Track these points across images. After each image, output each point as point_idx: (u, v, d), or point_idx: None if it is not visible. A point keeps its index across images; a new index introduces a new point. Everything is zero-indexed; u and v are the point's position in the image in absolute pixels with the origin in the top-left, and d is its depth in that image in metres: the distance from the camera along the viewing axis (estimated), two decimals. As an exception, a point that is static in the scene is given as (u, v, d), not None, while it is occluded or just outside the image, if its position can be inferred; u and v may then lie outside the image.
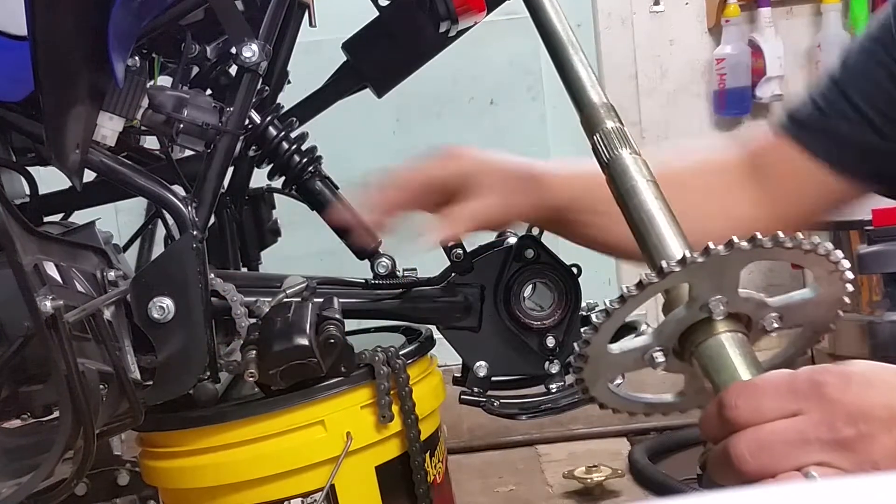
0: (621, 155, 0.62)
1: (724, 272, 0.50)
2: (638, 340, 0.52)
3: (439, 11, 1.10)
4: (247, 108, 0.93)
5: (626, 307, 0.51)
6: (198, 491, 0.94)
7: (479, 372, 1.03)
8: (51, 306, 0.71)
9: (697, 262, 0.48)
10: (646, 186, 0.58)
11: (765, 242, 0.48)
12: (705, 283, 0.50)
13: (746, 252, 0.49)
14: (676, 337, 0.52)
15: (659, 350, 0.52)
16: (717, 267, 0.49)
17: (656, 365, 0.52)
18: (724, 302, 0.50)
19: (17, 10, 0.74)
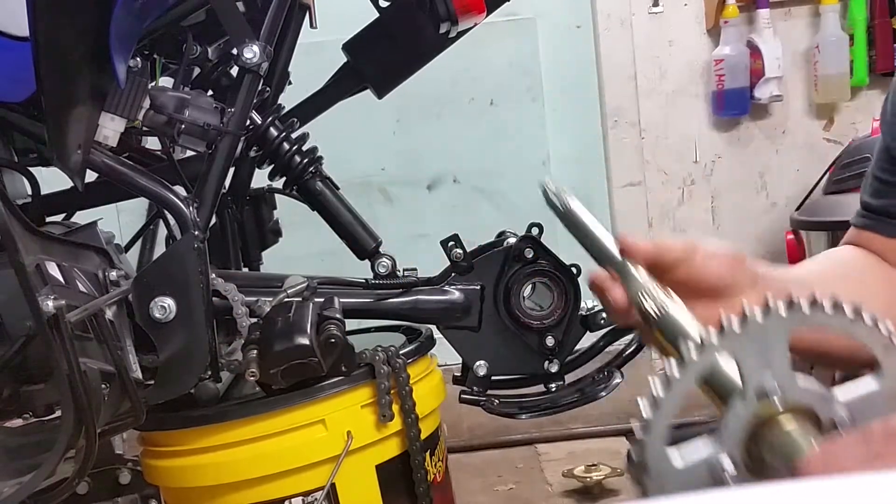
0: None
1: (769, 345, 0.45)
2: (701, 447, 0.46)
3: (439, 13, 1.10)
4: (248, 108, 0.93)
5: (672, 392, 0.45)
6: (199, 490, 0.95)
7: (479, 371, 1.03)
8: (53, 306, 0.72)
9: (735, 331, 0.45)
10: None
11: (803, 306, 0.45)
12: (752, 360, 0.45)
13: (785, 319, 0.45)
14: (742, 441, 0.46)
15: (727, 460, 0.46)
16: (759, 337, 0.45)
17: (727, 480, 0.45)
18: (781, 386, 0.45)
19: (18, 12, 0.75)
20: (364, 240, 1.08)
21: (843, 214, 1.83)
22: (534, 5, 2.24)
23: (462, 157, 2.29)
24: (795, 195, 2.17)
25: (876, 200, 0.79)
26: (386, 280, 1.04)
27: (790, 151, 2.24)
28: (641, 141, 2.24)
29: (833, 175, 1.91)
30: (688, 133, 2.24)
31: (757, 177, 2.26)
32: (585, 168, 2.32)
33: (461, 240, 1.03)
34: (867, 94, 2.16)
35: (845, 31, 2.10)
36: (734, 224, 2.27)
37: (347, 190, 1.14)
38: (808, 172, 2.16)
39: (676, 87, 2.22)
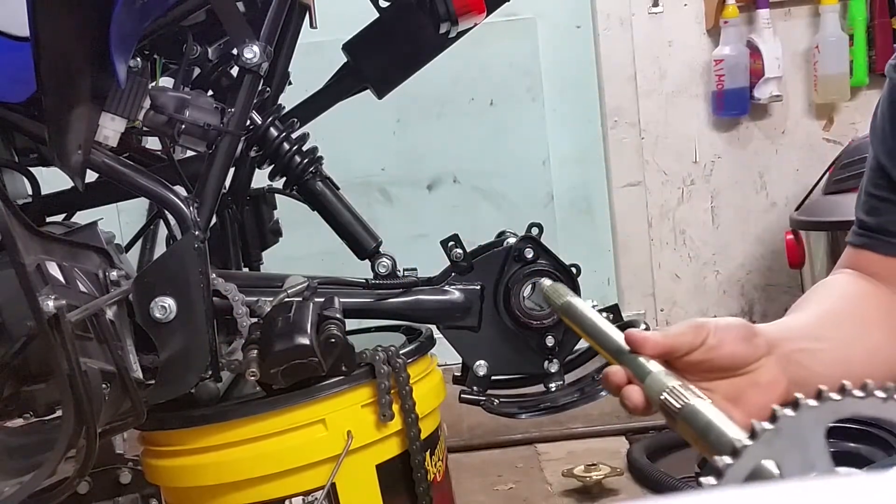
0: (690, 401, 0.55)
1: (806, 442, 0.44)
2: None
3: (439, 13, 1.10)
4: (248, 109, 0.93)
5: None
6: (199, 489, 0.95)
7: (479, 371, 1.03)
8: (53, 306, 0.72)
9: (768, 430, 0.43)
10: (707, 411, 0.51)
11: (832, 395, 0.44)
12: (792, 461, 0.43)
13: (816, 410, 0.44)
14: None
15: None
16: (795, 435, 0.44)
17: None
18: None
19: (19, 12, 0.75)
20: (364, 240, 1.08)
21: (843, 214, 1.84)
22: (534, 5, 2.24)
23: (462, 157, 2.29)
24: (795, 195, 2.17)
25: (871, 218, 0.79)
26: (386, 280, 1.04)
27: (790, 151, 2.24)
28: (641, 141, 2.24)
29: (833, 175, 1.91)
30: (687, 133, 2.24)
31: (756, 177, 2.26)
32: (585, 168, 2.32)
33: (461, 240, 1.03)
34: (867, 94, 2.16)
35: (845, 31, 2.11)
36: (734, 224, 2.27)
37: (347, 190, 1.14)
38: (808, 172, 2.17)
39: (676, 87, 2.23)
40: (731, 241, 2.28)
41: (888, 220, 0.77)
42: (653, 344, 0.62)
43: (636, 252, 2.28)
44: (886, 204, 0.78)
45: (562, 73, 2.30)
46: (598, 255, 2.29)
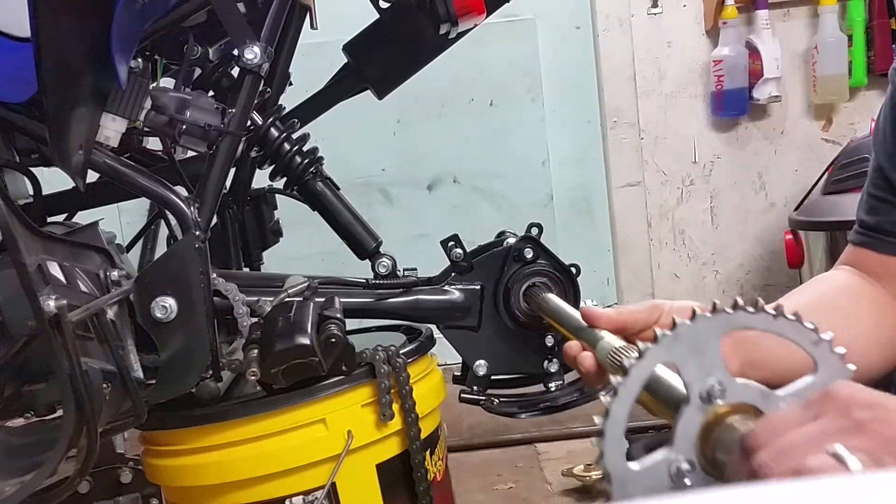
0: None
1: (704, 351, 0.48)
2: (658, 454, 0.49)
3: (439, 14, 1.11)
4: (249, 109, 0.93)
5: (620, 400, 0.48)
6: (200, 489, 0.95)
7: (479, 371, 1.03)
8: (54, 306, 0.72)
9: (669, 334, 0.48)
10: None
11: (725, 308, 0.48)
12: (691, 367, 0.48)
13: (713, 322, 0.48)
14: (696, 444, 0.48)
15: (684, 460, 0.48)
16: (693, 344, 0.48)
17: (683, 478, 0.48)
18: (720, 385, 0.48)
19: (20, 12, 0.75)
20: (364, 240, 1.09)
21: (842, 214, 1.85)
22: (534, 6, 2.24)
23: (462, 157, 2.29)
24: (794, 195, 2.17)
25: (870, 217, 0.81)
26: (386, 280, 1.04)
27: (789, 152, 2.24)
28: (640, 141, 2.25)
29: (831, 175, 1.92)
30: (687, 133, 2.24)
31: (755, 177, 2.26)
32: (585, 168, 2.33)
33: (461, 240, 1.04)
34: (866, 95, 2.17)
35: (844, 31, 2.11)
36: (733, 224, 2.27)
37: (348, 190, 1.15)
38: (807, 173, 2.17)
39: (675, 87, 2.23)
40: (731, 241, 2.28)
41: (885, 220, 0.79)
42: (606, 318, 0.68)
43: (635, 252, 2.28)
44: (885, 204, 0.80)
45: (561, 73, 2.30)
46: (597, 255, 2.29)
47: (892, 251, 0.79)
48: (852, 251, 0.82)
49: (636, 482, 0.48)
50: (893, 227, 0.79)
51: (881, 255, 0.79)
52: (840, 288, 0.80)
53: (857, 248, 0.82)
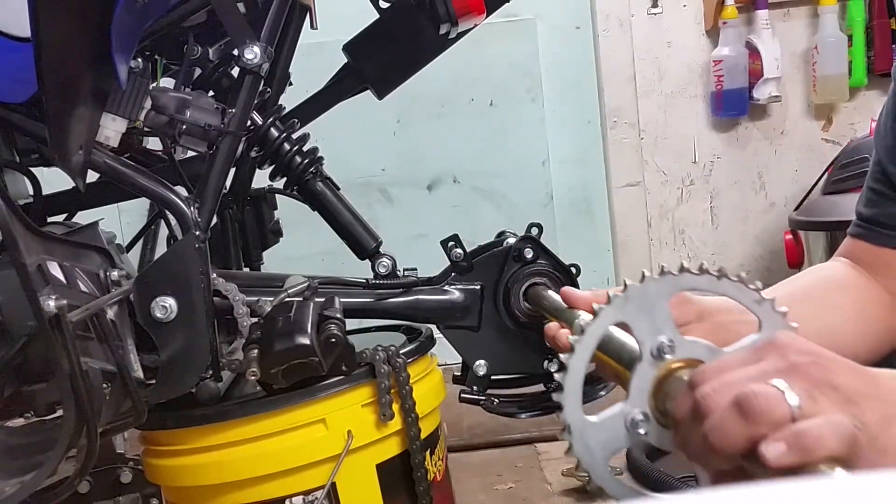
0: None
1: (654, 310, 0.52)
2: (615, 407, 0.52)
3: (439, 14, 1.11)
4: (249, 109, 0.93)
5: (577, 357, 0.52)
6: (200, 489, 0.95)
7: (479, 371, 1.03)
8: (54, 306, 0.72)
9: (620, 295, 0.51)
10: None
11: (672, 270, 0.52)
12: (643, 325, 0.51)
13: (659, 282, 0.52)
14: (649, 398, 0.51)
15: (638, 412, 0.52)
16: (643, 304, 0.51)
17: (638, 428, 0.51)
18: (670, 342, 0.51)
19: (20, 12, 0.75)
20: (364, 240, 1.09)
21: (842, 214, 1.84)
22: (534, 6, 2.24)
23: (462, 157, 2.29)
24: (794, 195, 2.17)
25: (867, 210, 0.82)
26: (386, 280, 1.04)
27: (789, 152, 2.24)
28: (640, 141, 2.25)
29: (831, 175, 1.92)
30: (687, 133, 2.24)
31: (756, 177, 2.26)
32: (585, 168, 2.33)
33: (461, 240, 1.04)
34: (866, 95, 2.17)
35: (844, 31, 2.11)
36: (733, 224, 2.27)
37: (348, 190, 1.15)
38: (807, 173, 2.17)
39: (675, 87, 2.23)
40: (730, 242, 2.28)
41: (882, 213, 0.81)
42: (584, 299, 0.73)
43: (635, 252, 2.28)
44: (882, 198, 0.81)
45: (561, 73, 2.30)
46: (597, 255, 2.29)
47: (886, 243, 0.80)
48: (849, 243, 0.84)
49: (594, 433, 0.52)
50: (889, 220, 0.80)
51: (875, 246, 0.81)
52: (829, 278, 0.82)
53: (854, 239, 0.83)
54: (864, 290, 0.79)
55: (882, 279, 0.80)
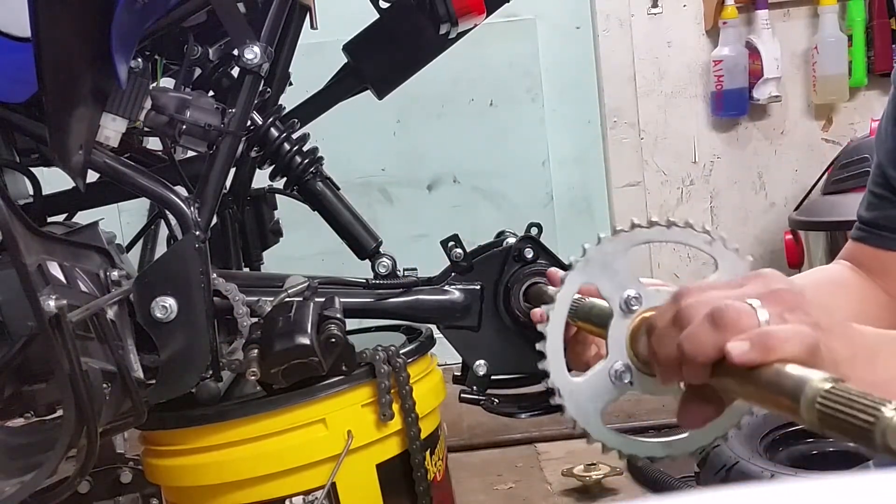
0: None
1: (615, 268, 0.55)
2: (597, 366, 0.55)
3: (439, 13, 1.11)
4: (249, 109, 0.93)
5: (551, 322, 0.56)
6: (200, 489, 0.95)
7: (479, 370, 1.03)
8: (54, 306, 0.72)
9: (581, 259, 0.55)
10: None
11: (624, 228, 0.55)
12: (608, 284, 0.55)
13: (614, 240, 0.55)
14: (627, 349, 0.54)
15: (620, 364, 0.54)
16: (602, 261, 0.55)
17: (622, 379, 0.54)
18: (637, 294, 0.55)
19: (20, 12, 0.75)
20: (364, 240, 1.09)
21: (842, 214, 1.85)
22: (534, 6, 2.24)
23: (462, 157, 2.29)
24: (794, 195, 2.17)
25: (868, 213, 0.83)
26: (386, 280, 1.04)
27: (789, 152, 2.24)
28: (641, 141, 2.25)
29: (831, 175, 1.92)
30: (687, 133, 2.24)
31: (756, 177, 2.26)
32: (585, 168, 2.33)
33: (461, 240, 1.04)
34: (866, 95, 2.17)
35: (844, 31, 2.11)
36: (733, 224, 2.27)
37: (348, 190, 1.15)
38: (807, 173, 2.17)
39: (675, 87, 2.23)
40: (731, 242, 2.28)
41: (882, 216, 0.82)
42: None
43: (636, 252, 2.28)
44: (882, 201, 0.82)
45: (561, 73, 2.30)
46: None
47: (885, 245, 0.81)
48: (850, 246, 0.85)
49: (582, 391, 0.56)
50: (889, 223, 0.81)
51: (875, 249, 0.81)
52: (829, 279, 0.83)
53: (855, 242, 0.84)
54: (863, 292, 0.80)
55: (882, 281, 0.81)
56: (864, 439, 0.37)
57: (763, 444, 1.45)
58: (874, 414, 0.36)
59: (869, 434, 0.36)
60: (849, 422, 0.37)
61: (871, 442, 0.37)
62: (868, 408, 0.37)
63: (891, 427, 0.36)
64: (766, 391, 0.42)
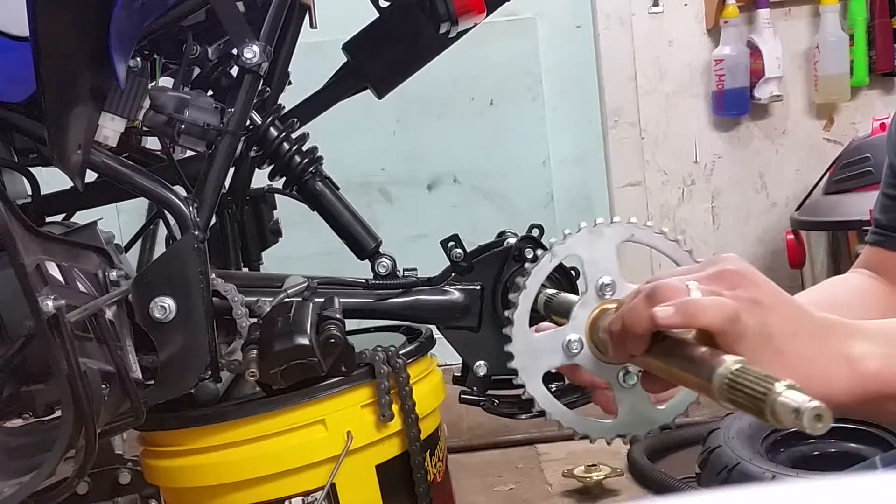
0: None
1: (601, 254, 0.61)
2: (558, 329, 0.61)
3: (439, 13, 1.10)
4: (248, 108, 0.93)
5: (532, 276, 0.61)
6: (199, 490, 0.95)
7: (479, 371, 1.03)
8: (52, 306, 0.72)
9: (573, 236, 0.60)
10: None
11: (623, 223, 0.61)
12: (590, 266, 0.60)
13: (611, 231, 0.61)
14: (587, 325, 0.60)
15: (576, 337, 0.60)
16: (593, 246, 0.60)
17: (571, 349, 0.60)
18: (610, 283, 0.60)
19: (18, 12, 0.75)
20: (364, 240, 1.08)
21: (843, 214, 1.84)
22: (534, 5, 2.24)
23: (462, 157, 2.29)
24: (795, 195, 2.17)
25: (883, 216, 0.82)
26: (386, 280, 1.04)
27: (790, 151, 2.23)
28: (641, 141, 2.24)
29: (833, 175, 1.91)
30: (688, 133, 2.24)
31: (757, 177, 2.26)
32: (585, 168, 2.32)
33: (461, 240, 1.03)
34: (867, 94, 2.16)
35: (845, 31, 2.10)
36: (734, 224, 2.27)
37: (347, 190, 1.14)
38: (808, 172, 2.16)
39: (676, 87, 2.22)
40: (732, 242, 2.27)
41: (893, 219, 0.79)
42: None
43: (636, 252, 2.27)
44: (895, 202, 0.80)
45: (562, 73, 2.30)
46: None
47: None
48: (866, 251, 0.83)
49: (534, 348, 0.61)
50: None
51: (893, 252, 0.80)
52: (851, 288, 0.81)
53: (871, 247, 0.83)
54: (885, 299, 0.79)
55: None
56: (758, 413, 0.42)
57: (764, 445, 1.45)
58: (767, 390, 0.42)
59: (761, 407, 0.42)
60: (747, 396, 0.43)
61: (762, 414, 0.42)
62: (763, 385, 0.42)
63: (778, 402, 0.41)
64: (688, 369, 0.48)
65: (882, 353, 0.49)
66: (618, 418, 0.64)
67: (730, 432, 1.44)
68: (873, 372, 0.48)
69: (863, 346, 0.49)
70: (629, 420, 0.64)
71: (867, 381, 0.48)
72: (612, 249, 0.60)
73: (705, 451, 1.46)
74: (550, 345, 0.60)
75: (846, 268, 0.86)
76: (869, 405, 0.49)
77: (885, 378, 0.48)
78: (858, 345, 0.49)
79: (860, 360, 0.48)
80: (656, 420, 0.64)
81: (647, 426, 0.64)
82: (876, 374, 0.48)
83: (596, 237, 0.61)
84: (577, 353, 0.60)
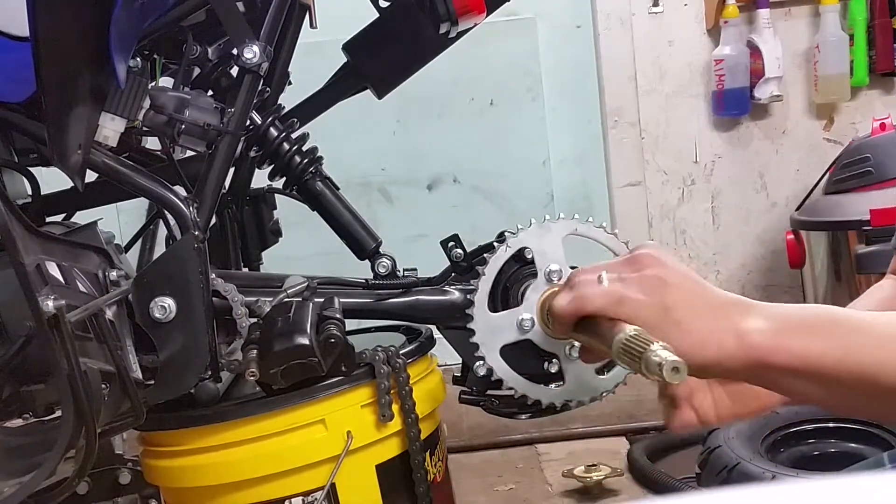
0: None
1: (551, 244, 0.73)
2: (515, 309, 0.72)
3: (439, 13, 1.10)
4: (248, 108, 0.93)
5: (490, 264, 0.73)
6: (199, 490, 0.95)
7: (479, 371, 1.03)
8: (53, 306, 0.72)
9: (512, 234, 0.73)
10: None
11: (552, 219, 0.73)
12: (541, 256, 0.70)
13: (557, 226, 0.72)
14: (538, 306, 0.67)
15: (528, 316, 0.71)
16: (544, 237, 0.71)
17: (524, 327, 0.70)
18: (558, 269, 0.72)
19: (19, 12, 0.75)
20: (364, 240, 1.08)
21: (844, 214, 1.84)
22: (534, 5, 2.24)
23: (462, 157, 2.29)
24: (795, 195, 2.17)
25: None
26: (386, 280, 1.04)
27: (790, 151, 2.23)
28: (641, 141, 2.24)
29: (833, 175, 1.91)
30: (688, 133, 2.24)
31: (757, 177, 2.26)
32: (585, 168, 2.32)
33: (461, 240, 1.03)
34: (867, 94, 2.16)
35: (845, 31, 2.10)
36: (734, 224, 2.27)
37: (347, 190, 1.14)
38: (808, 172, 2.16)
39: (676, 87, 2.22)
40: (732, 242, 2.27)
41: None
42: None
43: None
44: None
45: (562, 72, 2.30)
46: (597, 255, 2.28)
47: None
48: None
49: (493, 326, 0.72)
50: None
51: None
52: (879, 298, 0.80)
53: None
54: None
55: None
56: (638, 369, 0.51)
57: (764, 445, 1.45)
58: (643, 349, 0.51)
59: (638, 363, 0.50)
60: (632, 356, 0.51)
61: (640, 370, 0.50)
62: (643, 345, 0.51)
63: (650, 358, 0.50)
64: (602, 341, 0.56)
65: (773, 329, 0.54)
66: (564, 386, 0.75)
67: (730, 432, 1.44)
68: (758, 343, 0.53)
69: (756, 322, 0.54)
70: (575, 388, 0.76)
71: (752, 351, 0.53)
72: (558, 241, 0.73)
73: (705, 451, 1.46)
74: (506, 322, 0.73)
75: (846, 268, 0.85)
76: (755, 374, 0.55)
77: (769, 349, 0.53)
78: (752, 320, 0.54)
79: (749, 333, 0.54)
80: (599, 388, 0.75)
81: (591, 393, 0.76)
82: (759, 346, 0.53)
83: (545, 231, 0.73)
84: (528, 330, 0.72)
